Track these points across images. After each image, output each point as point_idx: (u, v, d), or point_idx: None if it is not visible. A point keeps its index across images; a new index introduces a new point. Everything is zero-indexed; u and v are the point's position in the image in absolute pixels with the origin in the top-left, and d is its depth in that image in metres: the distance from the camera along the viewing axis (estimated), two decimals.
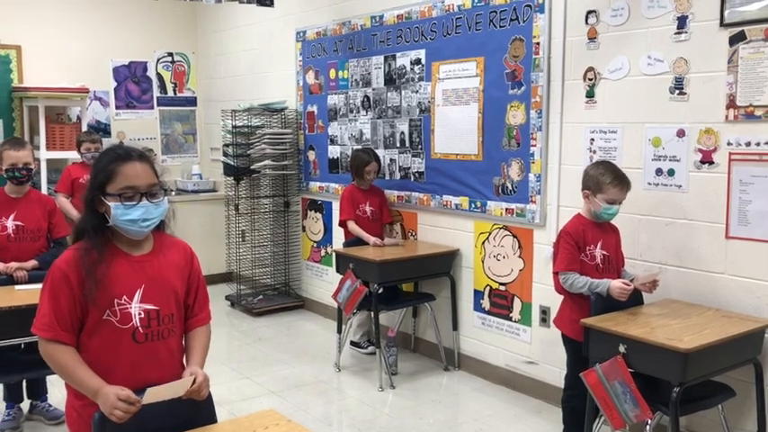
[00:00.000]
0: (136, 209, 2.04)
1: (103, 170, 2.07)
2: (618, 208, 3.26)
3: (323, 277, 5.92)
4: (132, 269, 2.08)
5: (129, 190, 2.04)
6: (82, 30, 6.68)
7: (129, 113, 7.03)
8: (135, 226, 2.05)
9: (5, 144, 3.63)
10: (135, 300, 2.06)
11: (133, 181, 2.05)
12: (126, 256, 2.10)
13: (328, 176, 5.73)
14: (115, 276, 2.04)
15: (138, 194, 2.05)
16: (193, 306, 2.24)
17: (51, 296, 2.02)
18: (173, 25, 7.19)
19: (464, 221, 4.58)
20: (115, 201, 2.03)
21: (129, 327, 2.04)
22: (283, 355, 5.03)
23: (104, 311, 2.02)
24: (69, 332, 2.02)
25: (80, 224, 2.12)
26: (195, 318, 2.25)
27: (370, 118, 5.23)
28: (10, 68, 6.37)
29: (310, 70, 5.81)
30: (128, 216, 2.03)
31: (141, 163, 2.08)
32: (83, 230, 2.10)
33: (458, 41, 4.48)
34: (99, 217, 2.08)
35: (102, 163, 2.09)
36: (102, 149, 2.18)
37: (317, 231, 5.96)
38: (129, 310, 2.05)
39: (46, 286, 2.04)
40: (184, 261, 2.23)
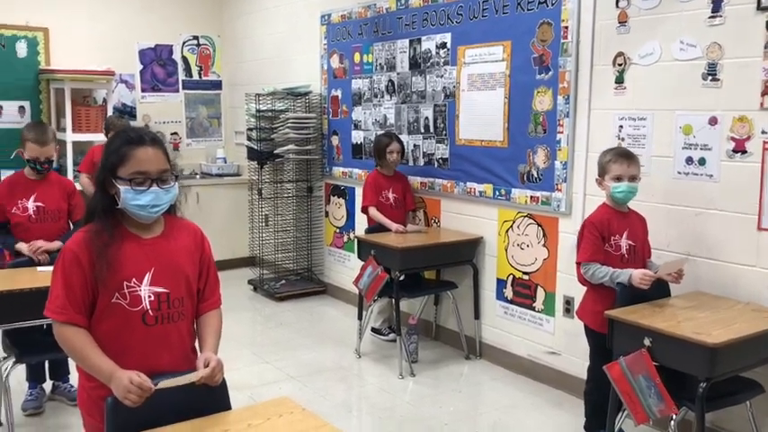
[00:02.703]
0: (145, 194, 2.01)
1: (115, 152, 2.04)
2: (628, 186, 3.18)
3: (345, 263, 5.89)
4: (142, 251, 2.06)
5: (139, 175, 2.01)
6: (109, 13, 6.69)
7: (155, 96, 7.04)
8: (144, 211, 2.03)
9: (30, 133, 3.63)
10: (145, 282, 2.04)
11: (144, 166, 2.02)
12: (136, 238, 2.08)
13: (352, 162, 5.69)
14: (125, 258, 2.02)
15: (148, 180, 2.02)
16: (204, 290, 2.21)
17: (63, 278, 2.00)
18: (198, 8, 7.17)
19: (488, 209, 4.51)
20: (125, 185, 2.01)
21: (139, 309, 2.03)
22: (304, 341, 5.02)
23: (114, 294, 2.00)
24: (82, 314, 2.01)
25: (91, 205, 2.11)
26: (206, 302, 2.22)
27: (395, 103, 5.16)
28: (37, 51, 6.41)
29: (335, 54, 5.75)
30: (137, 201, 2.01)
31: (153, 148, 2.05)
32: (93, 212, 2.08)
33: (484, 25, 4.39)
34: (109, 199, 2.06)
35: (115, 145, 2.06)
36: (116, 132, 2.14)
37: (340, 217, 5.93)
38: (139, 292, 2.03)
39: (57, 268, 2.03)
40: (195, 244, 2.20)
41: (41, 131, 3.62)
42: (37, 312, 3.18)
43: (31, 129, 3.66)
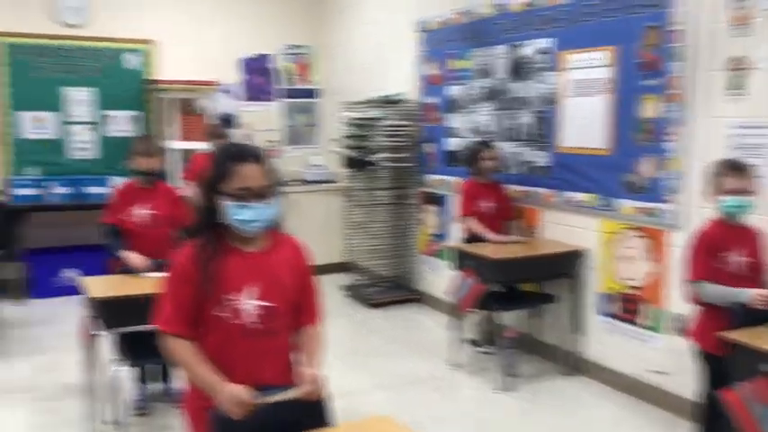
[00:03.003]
0: (248, 210, 2.04)
1: (219, 168, 2.08)
2: (739, 200, 2.95)
3: (439, 272, 5.84)
4: (245, 265, 2.10)
5: (242, 191, 2.04)
6: (213, 25, 6.92)
7: (255, 105, 7.22)
8: (246, 226, 2.07)
9: (139, 146, 3.84)
10: (247, 296, 2.07)
11: (247, 182, 2.05)
12: (239, 252, 2.11)
13: (446, 169, 5.63)
14: (228, 272, 2.06)
15: (251, 195, 2.05)
16: (304, 304, 2.23)
17: (172, 290, 2.06)
18: (298, 19, 7.31)
19: (590, 220, 4.34)
20: (228, 200, 2.04)
21: (241, 323, 2.06)
22: (398, 349, 5.00)
23: (217, 307, 2.04)
24: (189, 326, 2.06)
25: (195, 219, 2.16)
26: (306, 316, 2.24)
27: (492, 109, 5.07)
28: (146, 62, 6.71)
29: (430, 61, 5.71)
30: (239, 216, 2.05)
31: (257, 164, 2.08)
32: (198, 226, 2.13)
33: (588, 29, 4.24)
34: (213, 213, 2.10)
35: (219, 161, 2.10)
36: (220, 147, 2.20)
37: (434, 225, 5.88)
38: (242, 306, 2.06)
39: (167, 280, 2.09)
40: (297, 259, 2.22)
41: (148, 144, 3.82)
42: (147, 317, 3.34)
43: (139, 142, 3.86)
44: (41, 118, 6.37)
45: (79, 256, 6.31)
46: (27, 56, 6.26)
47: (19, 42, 6.21)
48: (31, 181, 6.18)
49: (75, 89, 6.47)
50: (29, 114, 6.33)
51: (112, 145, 6.64)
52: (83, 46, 6.43)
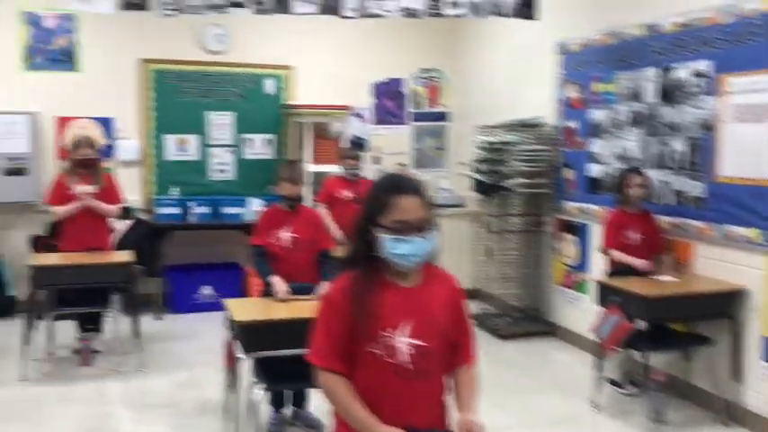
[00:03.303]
0: (406, 243, 1.96)
1: (377, 200, 2.01)
2: None
3: (576, 305, 5.55)
4: (401, 301, 2.01)
5: (400, 224, 1.96)
6: (347, 51, 7.01)
7: (385, 129, 7.23)
8: (404, 260, 1.99)
9: (285, 172, 3.93)
10: (403, 333, 1.98)
11: (406, 215, 1.97)
12: (395, 286, 2.03)
13: (587, 197, 5.36)
14: (383, 307, 1.98)
15: (409, 229, 1.96)
16: (459, 344, 2.12)
17: (326, 324, 2.00)
18: (430, 42, 7.27)
19: (753, 256, 3.96)
20: (386, 233, 1.97)
21: (396, 362, 1.97)
22: (534, 386, 4.77)
23: (372, 343, 1.97)
24: (343, 362, 1.99)
25: (350, 252, 2.09)
26: (461, 356, 2.13)
27: (639, 135, 4.77)
28: (283, 87, 6.88)
29: (571, 84, 5.49)
30: (397, 250, 1.97)
31: (415, 197, 2.00)
32: (353, 258, 2.07)
33: (752, 51, 3.90)
34: (369, 246, 2.03)
35: (377, 193, 2.04)
36: (377, 179, 2.13)
37: (571, 255, 5.60)
38: (397, 343, 1.97)
39: (320, 314, 2.03)
40: (452, 296, 2.13)
41: (293, 171, 3.88)
42: (287, 343, 3.35)
43: (285, 168, 3.93)
44: (185, 140, 6.67)
45: (216, 274, 6.53)
46: (173, 81, 6.58)
47: (165, 69, 6.55)
48: (173, 201, 6.46)
49: (217, 113, 6.73)
50: (173, 137, 6.64)
51: (249, 167, 6.85)
52: (224, 72, 6.69)
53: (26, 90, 6.19)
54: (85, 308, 5.01)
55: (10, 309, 6.13)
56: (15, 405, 4.27)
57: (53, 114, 6.29)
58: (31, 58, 6.21)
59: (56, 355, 5.07)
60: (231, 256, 6.80)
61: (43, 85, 6.24)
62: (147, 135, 6.57)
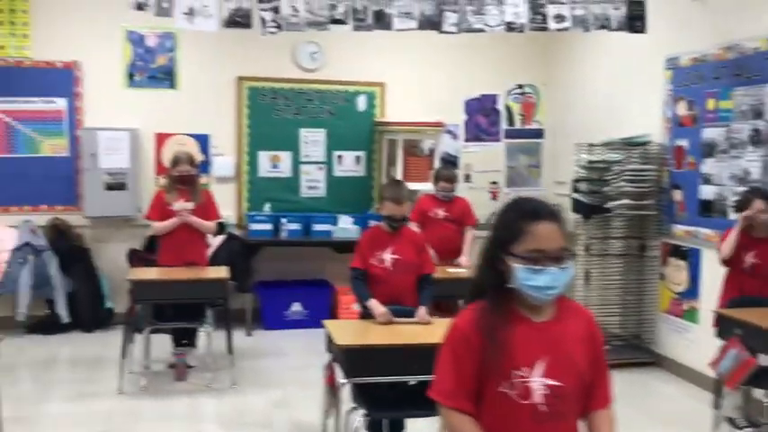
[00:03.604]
0: (542, 274, 1.80)
1: (509, 227, 1.86)
2: None
3: (684, 334, 5.21)
4: (534, 337, 1.85)
5: (536, 253, 1.81)
6: (439, 68, 6.90)
7: (477, 146, 7.07)
8: (539, 293, 1.82)
9: (388, 192, 3.79)
10: (536, 372, 1.81)
11: (543, 244, 1.81)
12: (527, 321, 1.87)
13: (698, 220, 5.03)
14: (516, 344, 1.83)
15: (546, 258, 1.81)
16: (595, 385, 1.93)
17: (453, 359, 1.86)
18: (525, 57, 7.08)
19: None
20: (520, 263, 1.81)
21: (530, 403, 1.80)
22: (640, 418, 4.47)
23: (502, 382, 1.81)
24: (470, 401, 1.84)
25: (479, 281, 1.94)
26: (596, 399, 1.94)
27: (761, 155, 4.44)
28: (374, 104, 6.83)
29: (682, 100, 5.19)
30: (532, 282, 1.81)
31: (553, 223, 1.84)
32: (481, 289, 1.92)
33: None
34: (500, 276, 1.88)
35: (508, 218, 1.88)
36: (510, 202, 1.97)
37: (680, 282, 5.27)
38: (530, 383, 1.81)
39: (446, 348, 1.89)
40: (588, 332, 1.94)
41: (398, 191, 3.76)
42: (389, 369, 3.23)
43: (389, 188, 3.82)
44: (277, 157, 6.70)
45: (305, 291, 6.51)
46: (267, 99, 6.63)
47: (260, 86, 6.60)
48: (265, 217, 6.48)
49: (309, 130, 6.74)
50: (266, 154, 6.68)
51: (339, 184, 6.81)
52: (317, 89, 6.70)
53: (127, 107, 6.36)
54: (182, 323, 5.05)
55: (107, 321, 6.27)
56: (113, 418, 4.32)
57: (152, 131, 6.44)
58: (132, 76, 6.38)
59: (151, 369, 5.12)
60: (321, 273, 6.77)
61: (144, 102, 6.41)
62: (242, 152, 6.63)
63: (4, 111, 6.18)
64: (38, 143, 6.27)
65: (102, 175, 6.15)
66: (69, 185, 6.32)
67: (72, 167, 6.31)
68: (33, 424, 4.21)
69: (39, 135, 6.27)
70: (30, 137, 6.25)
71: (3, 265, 5.85)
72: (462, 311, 1.93)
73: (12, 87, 6.16)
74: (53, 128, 6.28)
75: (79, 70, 6.28)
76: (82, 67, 6.28)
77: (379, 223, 3.87)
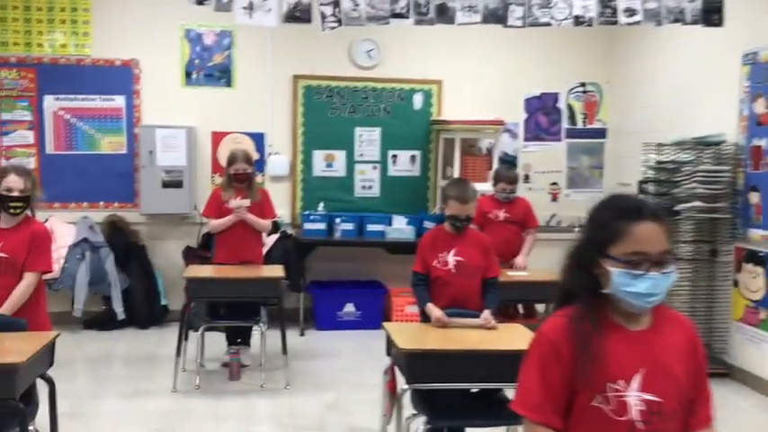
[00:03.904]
0: (643, 280, 1.64)
1: (606, 227, 1.70)
2: None
3: (761, 345, 4.91)
4: (630, 348, 1.69)
5: (637, 256, 1.65)
6: (498, 64, 6.72)
7: (537, 146, 6.86)
8: (639, 300, 1.66)
9: (453, 191, 3.59)
10: (633, 386, 1.66)
11: (645, 246, 1.65)
12: (622, 330, 1.71)
13: None
14: (611, 355, 1.67)
15: (646, 262, 1.65)
16: (696, 402, 1.75)
17: (540, 370, 1.70)
18: (587, 54, 6.84)
19: None
20: (618, 266, 1.66)
21: (626, 420, 1.64)
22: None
23: (595, 396, 1.65)
24: (559, 415, 1.69)
25: (568, 285, 1.78)
26: (697, 417, 1.76)
27: None
28: (431, 102, 6.69)
29: (760, 98, 4.90)
30: (632, 288, 1.65)
31: (657, 223, 1.68)
32: (572, 293, 1.76)
33: None
34: (593, 280, 1.72)
35: (605, 217, 1.72)
36: (607, 199, 1.80)
37: (756, 289, 4.97)
38: (626, 398, 1.65)
39: (532, 357, 1.73)
40: (689, 344, 1.77)
41: (464, 190, 3.57)
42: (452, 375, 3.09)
43: (454, 186, 3.63)
44: (332, 156, 6.61)
45: (358, 292, 6.40)
46: (322, 97, 6.55)
47: (315, 84, 6.52)
48: (319, 216, 6.39)
49: (365, 129, 6.63)
50: (321, 153, 6.60)
51: (394, 184, 6.69)
52: (373, 87, 6.59)
53: (184, 105, 6.36)
54: (237, 321, 5.01)
55: (162, 318, 6.28)
56: (168, 417, 4.27)
57: (209, 129, 6.43)
58: (190, 74, 6.38)
59: (205, 368, 5.08)
60: (374, 275, 6.65)
61: (200, 100, 6.40)
62: (296, 150, 6.56)
63: (65, 108, 6.24)
64: (97, 140, 6.32)
65: (158, 172, 6.15)
66: (127, 183, 6.35)
67: (129, 165, 6.34)
68: (88, 421, 4.20)
69: (97, 132, 6.32)
70: (89, 134, 6.31)
71: (61, 260, 5.90)
72: (549, 318, 1.77)
73: (72, 85, 6.22)
74: (112, 125, 6.32)
75: (138, 68, 6.31)
76: (140, 65, 6.31)
77: (441, 224, 3.71)
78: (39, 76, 6.17)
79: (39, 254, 3.51)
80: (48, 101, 6.21)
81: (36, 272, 3.51)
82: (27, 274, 3.47)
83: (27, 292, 3.45)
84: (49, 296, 5.90)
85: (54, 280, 5.86)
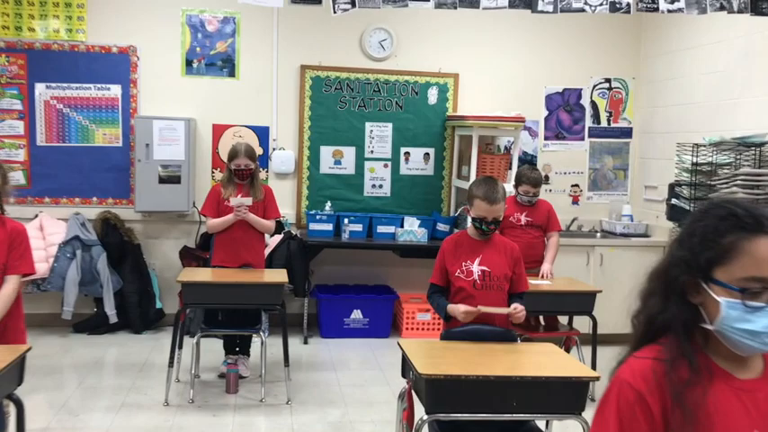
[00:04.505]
0: (763, 315, 1.25)
1: (713, 243, 1.31)
2: None
3: None
4: (740, 403, 1.31)
5: (756, 283, 1.26)
6: (517, 57, 6.32)
7: (558, 145, 6.46)
8: (756, 341, 1.28)
9: (479, 190, 3.18)
10: None
11: (766, 270, 1.25)
12: (727, 377, 1.33)
13: None
14: (714, 410, 1.28)
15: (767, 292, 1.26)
16: None
17: (619, 427, 1.30)
18: (613, 49, 6.43)
19: None
20: (730, 295, 1.27)
21: None
22: None
23: None
24: None
25: (654, 317, 1.39)
26: None
27: None
28: (446, 97, 6.29)
29: None
30: (747, 324, 1.26)
31: None
32: (657, 328, 1.36)
33: None
34: (690, 311, 1.33)
35: (713, 230, 1.33)
36: (712, 206, 1.39)
37: None
38: None
39: (610, 411, 1.33)
40: None
41: (492, 189, 3.14)
42: (480, 404, 2.68)
43: (481, 185, 3.20)
44: (340, 152, 6.22)
45: (366, 297, 6.01)
46: (331, 89, 6.15)
47: (324, 76, 6.13)
48: (325, 216, 6.00)
49: (376, 124, 6.23)
50: (329, 149, 6.20)
51: (406, 183, 6.29)
52: (385, 80, 6.19)
53: (184, 95, 5.98)
54: (236, 330, 4.65)
55: (157, 322, 5.90)
56: None
57: (210, 121, 6.04)
58: (191, 63, 5.99)
59: (201, 378, 4.71)
60: (383, 279, 6.27)
61: (201, 90, 6.01)
62: (303, 146, 6.17)
63: (57, 97, 5.86)
64: (91, 132, 5.94)
65: (155, 167, 5.76)
66: (122, 177, 5.97)
67: (125, 158, 5.96)
68: None
69: (92, 123, 5.94)
70: (82, 125, 5.93)
71: (50, 259, 5.53)
72: (629, 360, 1.37)
73: (65, 73, 5.84)
74: (107, 116, 5.94)
75: (135, 56, 5.92)
76: (138, 53, 5.92)
77: (464, 229, 3.31)
78: (29, 62, 5.78)
79: (19, 255, 3.13)
80: (39, 89, 5.82)
81: (18, 275, 3.13)
82: (9, 277, 3.08)
83: (12, 296, 3.07)
84: (36, 297, 5.67)
85: (42, 280, 5.50)
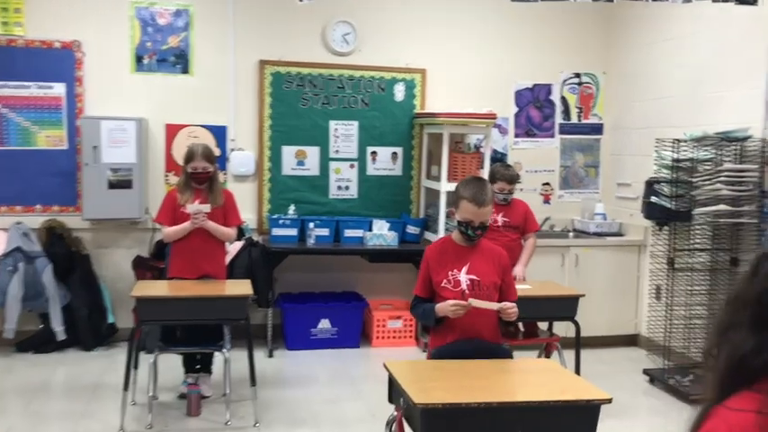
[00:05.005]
0: None
1: None
2: None
3: None
4: None
5: None
6: (486, 52, 6.10)
7: (528, 142, 6.26)
8: None
9: (467, 191, 2.93)
10: None
11: None
12: None
13: None
14: None
15: None
16: None
17: None
18: (582, 43, 6.26)
19: None
20: None
21: None
22: None
23: None
24: None
25: (756, 356, 1.14)
26: None
27: None
28: (414, 94, 6.03)
29: None
30: None
31: None
32: (751, 371, 1.12)
33: None
34: None
35: None
36: None
37: None
38: None
39: None
40: None
41: (481, 190, 2.88)
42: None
43: (468, 185, 2.93)
44: (303, 153, 5.90)
45: (335, 305, 5.71)
46: (292, 86, 5.83)
47: (285, 71, 5.80)
48: (289, 221, 5.68)
49: (340, 122, 5.92)
50: (291, 149, 5.87)
51: (373, 184, 6.01)
52: (350, 75, 5.89)
53: (135, 94, 5.58)
54: (196, 348, 4.30)
55: (109, 338, 5.50)
56: None
57: (162, 121, 5.65)
58: (141, 59, 5.60)
59: (159, 400, 4.34)
60: (352, 286, 5.97)
61: (153, 88, 5.62)
62: (263, 146, 5.83)
63: None
64: (32, 134, 5.50)
65: (104, 170, 5.36)
66: (67, 183, 5.53)
67: (71, 162, 5.53)
68: None
69: (33, 125, 5.49)
70: (23, 127, 5.48)
71: None
72: (721, 413, 1.12)
73: (2, 70, 5.38)
74: (50, 117, 5.51)
75: (80, 51, 5.50)
76: (83, 48, 5.50)
77: (449, 234, 3.04)
78: None
79: None
80: None
81: None
82: None
83: None
84: None
85: None
